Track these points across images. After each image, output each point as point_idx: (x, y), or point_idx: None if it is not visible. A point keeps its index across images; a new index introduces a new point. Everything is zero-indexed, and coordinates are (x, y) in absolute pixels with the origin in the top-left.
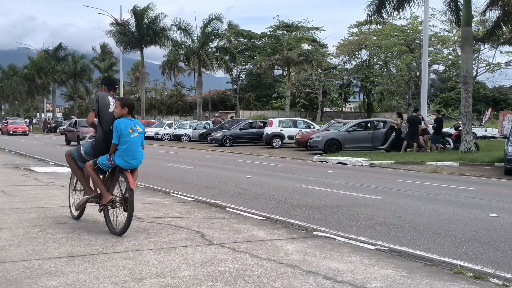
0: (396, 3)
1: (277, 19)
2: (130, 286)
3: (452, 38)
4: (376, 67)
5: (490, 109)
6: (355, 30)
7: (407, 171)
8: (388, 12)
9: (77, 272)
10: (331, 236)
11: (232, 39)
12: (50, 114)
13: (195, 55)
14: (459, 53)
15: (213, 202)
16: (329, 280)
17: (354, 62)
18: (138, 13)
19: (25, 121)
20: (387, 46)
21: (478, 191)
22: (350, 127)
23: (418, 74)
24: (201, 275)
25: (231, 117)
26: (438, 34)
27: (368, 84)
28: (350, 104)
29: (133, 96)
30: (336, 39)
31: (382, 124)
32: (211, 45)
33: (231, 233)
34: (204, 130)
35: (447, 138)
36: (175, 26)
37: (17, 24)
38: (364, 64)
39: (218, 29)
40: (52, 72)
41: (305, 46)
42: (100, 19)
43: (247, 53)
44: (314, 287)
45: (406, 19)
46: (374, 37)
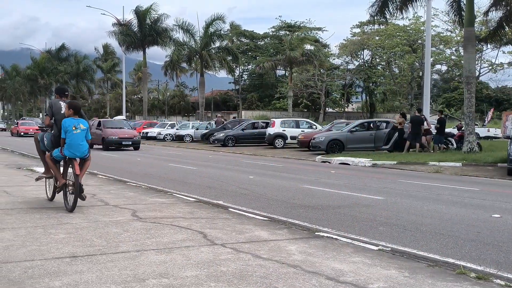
0: (399, 4)
1: (280, 19)
2: (133, 286)
3: (455, 38)
4: (379, 67)
5: (493, 109)
6: (358, 30)
7: (410, 172)
8: (391, 13)
9: (80, 272)
10: (334, 237)
11: (235, 40)
12: None
13: (198, 56)
14: (462, 53)
15: (216, 203)
16: (332, 281)
17: (357, 63)
18: (141, 14)
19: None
20: (390, 46)
21: (481, 192)
22: (353, 128)
23: (421, 74)
24: (204, 276)
25: (234, 118)
26: (441, 34)
27: (371, 85)
28: (353, 105)
29: (136, 97)
30: (339, 39)
31: (385, 125)
32: (214, 46)
33: (234, 234)
34: (207, 131)
35: (450, 139)
36: (178, 27)
37: (20, 25)
38: (367, 65)
39: (221, 30)
40: (55, 73)
41: (308, 46)
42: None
43: (250, 54)
44: None
45: (409, 19)
46: (377, 37)
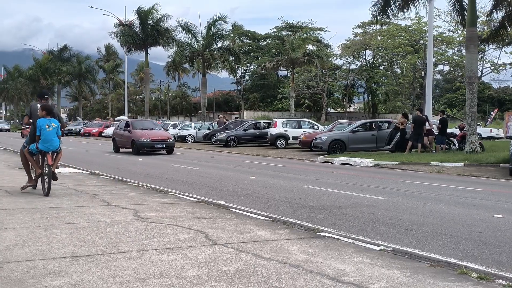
0: (401, 3)
1: (282, 20)
2: (134, 286)
3: (457, 39)
4: (381, 68)
5: (496, 110)
6: (360, 31)
7: (412, 172)
8: (393, 12)
9: (81, 272)
10: (335, 237)
11: (237, 40)
12: None
13: (200, 56)
14: (464, 54)
15: (217, 203)
16: (333, 281)
17: (359, 63)
18: (143, 14)
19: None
20: (392, 47)
21: (483, 192)
22: (355, 128)
23: (423, 75)
24: (205, 275)
25: (236, 118)
26: (443, 35)
27: (373, 85)
28: (355, 105)
29: (138, 97)
30: (341, 40)
31: (387, 125)
32: (216, 46)
33: (235, 234)
34: (209, 131)
35: (452, 139)
36: (180, 27)
37: (23, 25)
38: (369, 65)
39: (223, 30)
40: (57, 73)
41: (310, 47)
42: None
43: (252, 54)
44: (318, 287)
45: (411, 20)
46: (379, 38)
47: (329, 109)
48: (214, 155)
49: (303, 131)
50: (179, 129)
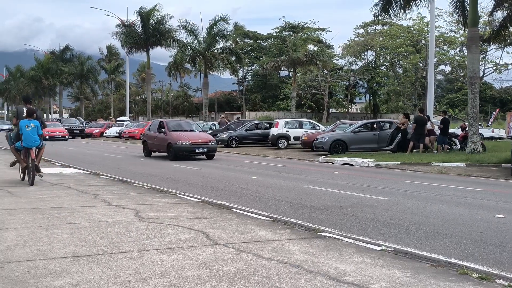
0: (403, 3)
1: (283, 20)
2: (135, 286)
3: (459, 39)
4: (382, 68)
5: (497, 110)
6: (361, 31)
7: (413, 172)
8: (395, 12)
9: (82, 272)
10: (336, 237)
11: (238, 40)
12: (57, 116)
13: (201, 56)
14: (466, 54)
15: (219, 203)
16: (334, 281)
17: (360, 63)
18: (144, 15)
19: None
20: (394, 47)
21: (485, 192)
22: (356, 128)
23: (425, 75)
24: (206, 275)
25: (237, 118)
26: (445, 35)
27: (374, 85)
28: (356, 105)
29: (139, 97)
30: (342, 40)
31: (388, 125)
32: (217, 46)
33: (236, 234)
34: (210, 131)
35: (454, 139)
36: (181, 27)
37: (24, 26)
38: (370, 65)
39: (224, 30)
40: (59, 74)
41: (311, 47)
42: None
43: (253, 54)
44: (319, 287)
45: (413, 20)
46: (380, 38)
47: (331, 110)
48: (216, 155)
49: (305, 132)
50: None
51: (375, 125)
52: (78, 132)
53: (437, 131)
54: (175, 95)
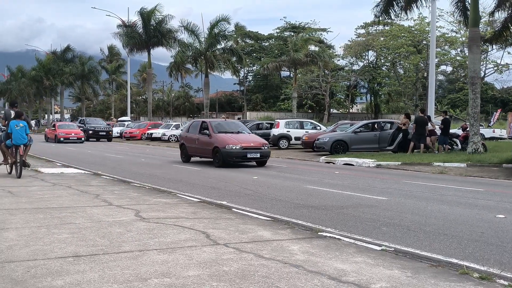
0: (404, 4)
1: (284, 20)
2: (135, 286)
3: (460, 39)
4: (383, 68)
5: (499, 110)
6: (362, 31)
7: (414, 172)
8: (396, 13)
9: (82, 272)
10: (337, 237)
11: (239, 41)
12: (58, 116)
13: (202, 57)
14: (467, 54)
15: (219, 203)
16: (334, 281)
17: (361, 63)
18: (145, 15)
19: (76, 123)
20: (395, 47)
21: (486, 192)
22: (357, 128)
23: (426, 75)
24: (206, 275)
25: (238, 119)
26: (446, 35)
27: (375, 85)
28: (357, 106)
29: (140, 98)
30: (343, 40)
31: (389, 125)
32: (218, 47)
33: (237, 234)
34: None
35: (455, 139)
36: (182, 28)
37: (26, 26)
38: (371, 65)
39: (225, 31)
40: (60, 74)
41: (312, 47)
42: (108, 21)
43: (254, 55)
44: (319, 287)
45: (414, 20)
46: (381, 38)
47: (332, 110)
48: None
49: (306, 132)
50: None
51: (376, 126)
52: (104, 134)
53: (438, 131)
54: (176, 96)
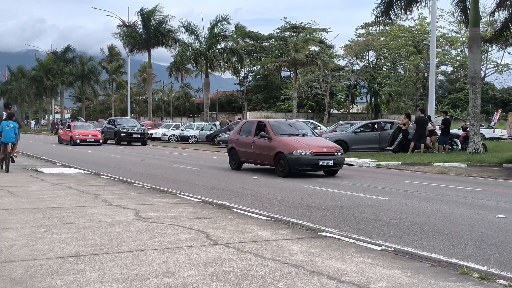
0: (404, 4)
1: (285, 21)
2: (134, 286)
3: (460, 39)
4: (384, 68)
5: (500, 111)
6: (363, 31)
7: (414, 172)
8: (396, 14)
9: (82, 272)
10: (336, 237)
11: (240, 41)
12: (59, 116)
13: (203, 57)
14: (467, 54)
15: (219, 203)
16: (333, 280)
17: (362, 63)
18: (146, 15)
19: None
20: (395, 47)
21: (486, 192)
22: (357, 128)
23: (426, 75)
24: (205, 275)
25: (239, 119)
26: (446, 35)
27: (376, 85)
28: (357, 106)
29: (141, 98)
30: (344, 40)
31: (389, 125)
32: (219, 47)
33: (236, 233)
34: (212, 132)
35: (455, 139)
36: (183, 28)
37: (27, 27)
38: (372, 65)
39: (225, 31)
40: (60, 74)
41: (312, 48)
42: (108, 21)
43: (254, 55)
44: (318, 287)
45: (414, 20)
46: (382, 38)
47: (332, 110)
48: (217, 156)
49: None
50: (182, 130)
51: (376, 126)
52: (138, 137)
53: (438, 132)
54: (176, 96)
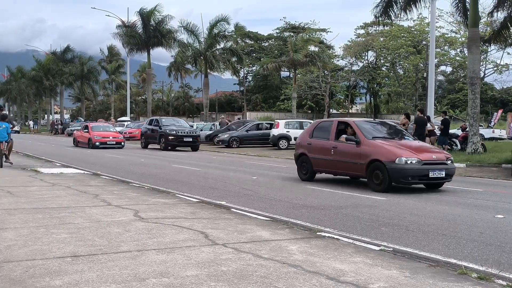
0: (403, 4)
1: (284, 21)
2: (133, 286)
3: (460, 39)
4: (383, 69)
5: (500, 111)
6: (362, 32)
7: None
8: (395, 13)
9: (81, 272)
10: (335, 237)
11: (239, 41)
12: (58, 116)
13: (202, 57)
14: (467, 54)
15: (218, 203)
16: (332, 280)
17: (361, 64)
18: (145, 15)
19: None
20: (394, 48)
21: (485, 192)
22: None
23: (425, 76)
24: (204, 275)
25: (238, 119)
26: (446, 35)
27: (375, 86)
28: (357, 106)
29: (140, 98)
30: (343, 41)
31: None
32: (218, 47)
33: (235, 234)
34: (211, 132)
35: (454, 139)
36: (182, 28)
37: (27, 26)
38: (371, 66)
39: (225, 31)
40: (60, 74)
41: (312, 48)
42: (108, 21)
43: (254, 55)
44: (317, 287)
45: (413, 20)
46: (381, 39)
47: (331, 110)
48: (216, 156)
49: None
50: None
51: None
52: (190, 141)
53: (438, 132)
54: (176, 96)
